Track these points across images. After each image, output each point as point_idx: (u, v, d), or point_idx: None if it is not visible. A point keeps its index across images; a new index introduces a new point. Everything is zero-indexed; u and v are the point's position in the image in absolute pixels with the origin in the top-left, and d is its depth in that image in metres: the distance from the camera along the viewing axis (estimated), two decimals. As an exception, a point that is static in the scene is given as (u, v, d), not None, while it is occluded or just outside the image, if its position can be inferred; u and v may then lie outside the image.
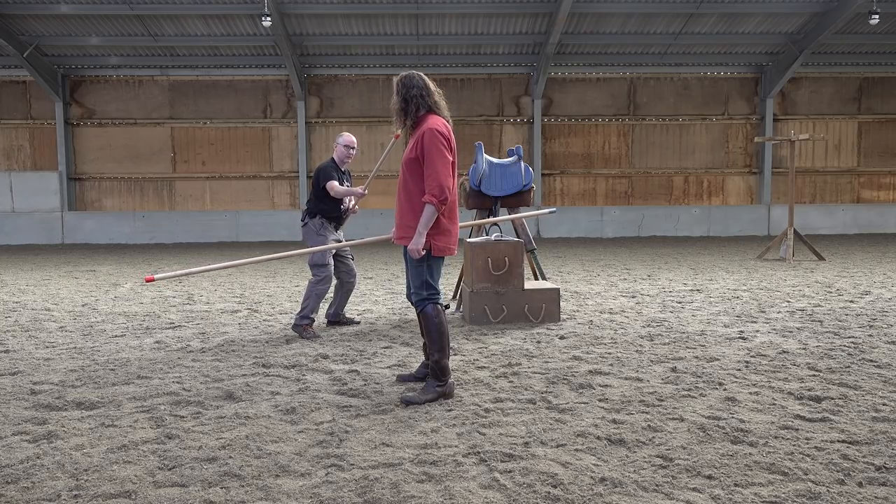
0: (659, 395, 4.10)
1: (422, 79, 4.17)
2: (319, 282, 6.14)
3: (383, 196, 21.10)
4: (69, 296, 8.93)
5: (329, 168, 6.28)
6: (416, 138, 4.07)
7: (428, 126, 4.03)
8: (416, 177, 4.06)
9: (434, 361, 4.12)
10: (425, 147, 3.98)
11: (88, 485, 2.91)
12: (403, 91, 4.11)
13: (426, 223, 3.99)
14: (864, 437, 3.35)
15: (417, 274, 4.19)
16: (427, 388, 4.10)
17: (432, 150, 3.96)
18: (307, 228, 6.32)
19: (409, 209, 4.10)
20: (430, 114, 4.14)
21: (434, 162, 3.96)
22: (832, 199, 21.62)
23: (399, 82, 4.15)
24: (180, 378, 4.63)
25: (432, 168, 3.96)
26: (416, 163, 4.05)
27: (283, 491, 2.84)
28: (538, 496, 2.76)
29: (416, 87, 4.12)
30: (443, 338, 4.14)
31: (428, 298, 4.17)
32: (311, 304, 6.10)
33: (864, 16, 17.52)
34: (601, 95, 21.12)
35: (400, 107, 4.14)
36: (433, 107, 4.15)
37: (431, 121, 4.07)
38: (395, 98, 4.15)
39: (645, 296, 8.33)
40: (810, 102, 21.32)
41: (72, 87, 20.59)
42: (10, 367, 4.99)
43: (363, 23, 18.45)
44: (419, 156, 4.02)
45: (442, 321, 4.16)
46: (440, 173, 3.94)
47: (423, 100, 4.12)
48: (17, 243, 19.90)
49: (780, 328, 6.18)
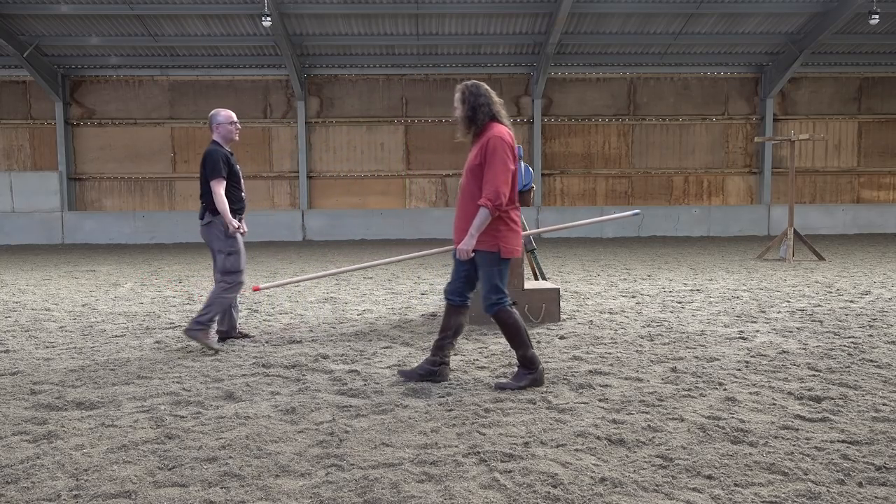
0: (659, 395, 4.10)
1: (486, 88, 4.32)
2: (228, 290, 5.56)
3: (383, 196, 21.12)
4: (69, 296, 8.93)
5: (216, 157, 5.52)
6: (480, 145, 4.21)
7: (493, 133, 4.18)
8: (479, 182, 4.20)
9: (521, 356, 4.34)
10: (489, 153, 4.14)
11: (88, 485, 2.91)
12: (472, 100, 4.25)
13: (479, 226, 4.15)
14: (864, 437, 3.35)
15: (488, 278, 4.28)
16: (519, 375, 4.33)
17: (495, 157, 4.12)
18: (211, 228, 5.56)
19: (466, 214, 4.27)
20: (494, 122, 4.28)
21: (495, 168, 4.11)
22: (832, 199, 21.63)
23: (466, 91, 4.28)
24: (180, 378, 4.63)
25: (492, 174, 4.11)
26: (480, 169, 4.19)
27: (283, 491, 2.84)
28: (538, 496, 2.75)
29: (483, 95, 4.26)
30: (521, 334, 4.31)
31: (497, 303, 4.30)
32: (213, 311, 5.46)
33: (864, 16, 17.53)
34: (601, 95, 21.13)
35: (467, 115, 4.27)
36: (496, 115, 4.28)
37: (496, 129, 4.22)
38: (462, 106, 4.28)
39: (645, 296, 8.33)
40: (810, 102, 21.33)
41: (72, 87, 20.60)
42: (10, 367, 4.99)
43: (363, 23, 18.45)
44: (483, 162, 4.17)
45: (516, 321, 4.31)
46: (499, 179, 4.10)
47: (489, 108, 4.26)
48: (18, 243, 19.90)
49: (780, 328, 6.18)
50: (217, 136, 5.72)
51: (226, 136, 5.74)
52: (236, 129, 5.77)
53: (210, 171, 5.50)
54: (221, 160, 5.54)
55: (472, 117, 4.25)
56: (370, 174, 21.00)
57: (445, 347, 4.53)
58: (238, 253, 5.60)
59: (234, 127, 5.75)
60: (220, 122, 5.71)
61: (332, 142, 20.92)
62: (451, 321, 4.53)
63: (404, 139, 21.00)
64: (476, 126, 4.26)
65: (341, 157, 20.91)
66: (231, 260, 5.56)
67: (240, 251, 5.61)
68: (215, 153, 5.55)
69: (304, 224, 20.59)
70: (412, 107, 20.91)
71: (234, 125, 5.75)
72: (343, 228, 20.49)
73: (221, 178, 5.50)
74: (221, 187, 5.49)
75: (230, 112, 5.77)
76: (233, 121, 5.74)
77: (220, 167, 5.50)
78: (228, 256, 5.56)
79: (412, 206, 21.16)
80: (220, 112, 5.74)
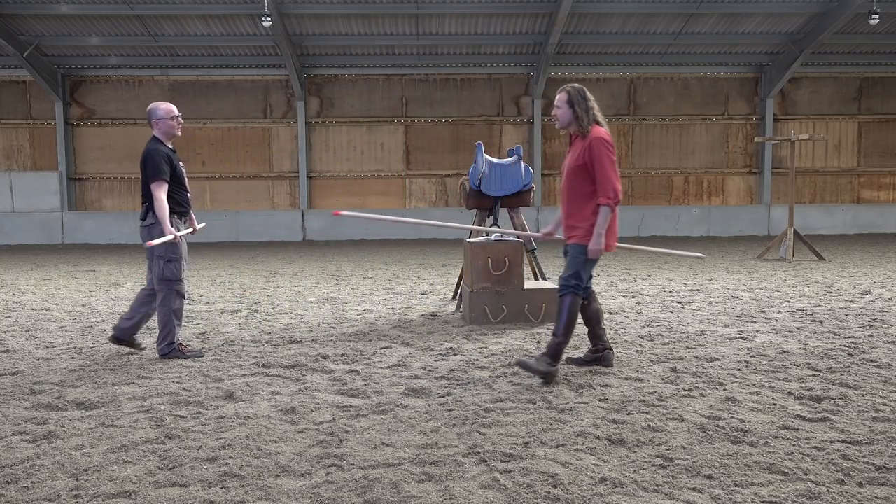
0: (659, 395, 4.10)
1: (589, 93, 4.62)
2: (170, 299, 5.21)
3: (383, 196, 21.12)
4: (69, 296, 8.93)
5: (158, 156, 5.12)
6: (584, 146, 4.49)
7: (597, 135, 4.47)
8: (581, 181, 4.52)
9: (556, 343, 4.49)
10: (595, 154, 4.43)
11: (88, 485, 2.91)
12: (583, 104, 4.53)
13: (603, 223, 4.44)
14: (864, 437, 3.35)
15: (574, 265, 4.57)
16: (541, 360, 4.46)
17: (602, 157, 4.42)
18: (152, 231, 5.15)
19: (576, 211, 4.57)
20: (594, 124, 4.56)
21: (605, 168, 4.42)
22: (832, 199, 21.63)
23: (575, 94, 4.55)
24: (180, 378, 4.63)
25: (604, 173, 4.42)
26: (584, 169, 4.49)
27: (283, 491, 2.84)
28: (538, 496, 2.75)
29: (590, 100, 4.57)
30: (570, 326, 4.51)
31: (573, 287, 4.54)
32: (169, 327, 5.20)
33: (864, 16, 17.53)
34: (601, 95, 21.09)
35: (576, 116, 4.54)
36: (597, 117, 4.57)
37: (597, 130, 4.51)
38: (570, 108, 4.54)
39: (645, 296, 8.33)
40: (810, 102, 21.33)
41: (72, 87, 20.59)
42: (10, 367, 4.99)
43: (363, 23, 18.45)
44: (587, 162, 4.46)
45: (575, 312, 4.54)
46: (612, 178, 4.42)
47: (594, 112, 4.55)
48: (17, 243, 19.90)
49: (780, 328, 6.18)
50: (158, 132, 5.26)
51: (167, 132, 5.27)
52: (178, 123, 5.31)
53: (151, 172, 5.07)
54: (164, 160, 5.13)
55: (580, 118, 4.52)
56: (370, 174, 21.00)
57: (599, 335, 4.87)
58: (179, 260, 5.20)
59: (175, 122, 5.29)
60: (161, 116, 5.25)
61: (332, 142, 20.92)
62: (589, 312, 4.87)
63: (404, 139, 21.00)
64: (582, 128, 4.53)
65: (341, 157, 20.91)
66: (170, 267, 5.16)
67: (181, 258, 5.22)
68: (157, 152, 5.13)
69: (304, 224, 20.59)
70: (412, 107, 20.91)
71: (176, 120, 5.29)
72: (343, 228, 20.49)
73: (163, 180, 5.09)
74: (163, 190, 5.09)
75: (171, 106, 5.31)
76: (174, 115, 5.29)
77: (162, 168, 5.09)
78: (168, 263, 5.15)
79: (412, 206, 21.16)
80: (160, 106, 5.28)
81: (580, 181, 4.53)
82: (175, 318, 5.22)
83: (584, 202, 4.53)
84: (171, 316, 5.19)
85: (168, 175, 5.13)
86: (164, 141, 5.27)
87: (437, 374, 4.66)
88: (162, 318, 5.20)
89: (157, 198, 5.06)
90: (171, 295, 5.20)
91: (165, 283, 5.17)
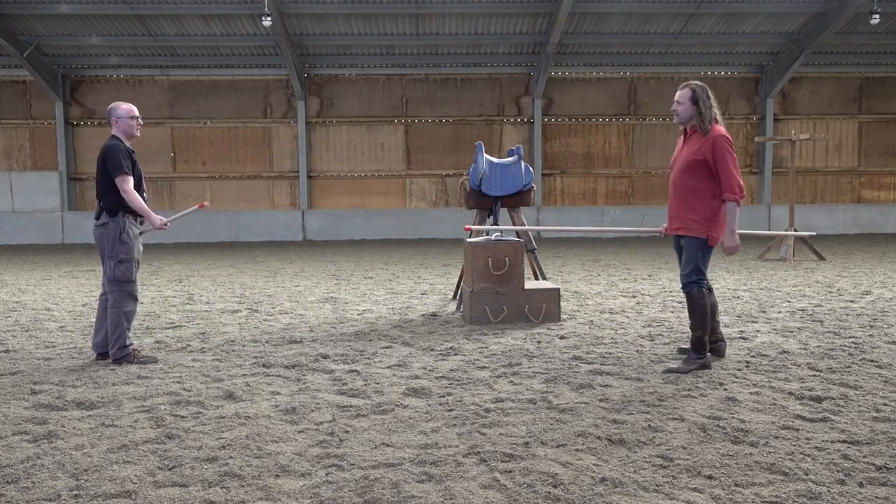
0: (659, 396, 4.10)
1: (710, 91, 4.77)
2: (123, 302, 5.07)
3: (383, 196, 21.11)
4: (69, 295, 8.93)
5: (118, 152, 5.02)
6: (704, 143, 4.64)
7: (720, 133, 4.63)
8: (696, 176, 4.66)
9: (696, 337, 4.70)
10: (718, 151, 4.58)
11: (88, 485, 2.91)
12: (707, 101, 4.68)
13: (733, 219, 4.63)
14: (864, 438, 3.35)
15: (693, 259, 4.72)
16: (689, 360, 4.70)
17: (726, 154, 4.58)
18: (106, 229, 5.07)
19: (686, 205, 4.72)
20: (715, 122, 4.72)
21: (728, 164, 4.57)
22: (833, 199, 21.62)
23: (699, 91, 4.68)
24: (180, 378, 4.63)
25: (728, 171, 4.57)
26: (701, 164, 4.64)
27: (284, 491, 2.84)
28: (538, 496, 2.75)
29: (712, 98, 4.73)
30: (705, 317, 4.69)
31: (695, 282, 4.72)
32: (121, 330, 5.06)
33: (865, 15, 17.51)
34: (601, 95, 21.12)
35: (701, 112, 4.67)
36: (716, 116, 4.73)
37: (718, 129, 4.66)
38: (694, 105, 4.68)
39: (645, 296, 8.33)
40: (811, 102, 21.32)
41: (72, 86, 20.59)
42: (11, 367, 4.99)
43: (363, 23, 18.45)
44: (707, 158, 4.60)
45: (705, 302, 4.71)
46: (735, 174, 4.58)
47: (714, 109, 4.71)
48: (18, 243, 19.90)
49: (780, 328, 6.18)
50: (116, 131, 5.17)
51: (126, 132, 5.18)
52: (138, 124, 5.22)
53: (113, 167, 4.97)
54: (124, 155, 5.03)
55: (704, 115, 4.66)
56: (370, 174, 20.99)
57: (714, 328, 4.97)
58: (131, 261, 5.07)
59: (135, 122, 5.20)
60: (120, 115, 5.15)
61: (333, 142, 20.92)
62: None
63: (404, 139, 21.00)
64: (703, 125, 4.66)
65: (341, 157, 20.90)
66: (122, 268, 5.04)
67: (132, 259, 5.09)
68: (116, 147, 5.04)
69: (304, 224, 20.58)
70: (412, 107, 20.90)
71: (136, 120, 5.21)
72: (343, 228, 20.48)
73: (126, 173, 4.98)
74: (129, 183, 4.98)
75: (131, 106, 5.22)
76: (134, 115, 5.20)
77: (122, 162, 4.99)
78: (119, 264, 5.03)
79: (412, 206, 21.15)
80: (121, 105, 5.20)
81: (696, 176, 4.66)
82: (126, 320, 5.07)
83: (698, 196, 4.67)
84: (122, 318, 5.05)
85: (130, 169, 5.03)
86: (124, 140, 5.19)
87: (438, 374, 4.66)
88: (113, 320, 5.04)
89: (125, 190, 4.98)
90: (123, 297, 5.07)
91: (116, 285, 5.06)
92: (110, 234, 5.04)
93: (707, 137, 4.63)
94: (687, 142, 4.80)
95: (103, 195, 5.07)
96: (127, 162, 5.03)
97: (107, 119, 5.27)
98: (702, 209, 4.66)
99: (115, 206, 5.05)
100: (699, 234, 4.67)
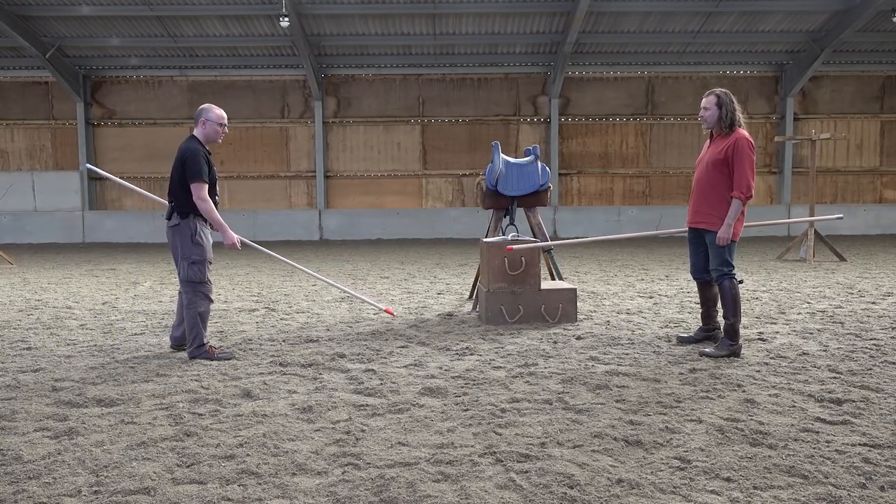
0: (677, 397, 4.07)
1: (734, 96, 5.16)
2: (197, 302, 5.13)
3: (399, 196, 21.15)
4: (90, 294, 9.03)
5: (199, 156, 4.99)
6: (727, 144, 5.02)
7: (742, 135, 5.01)
8: (719, 174, 5.05)
9: (729, 325, 5.05)
10: (738, 152, 4.95)
11: (108, 481, 2.94)
12: (730, 106, 5.07)
13: (734, 215, 4.96)
14: (886, 441, 3.30)
15: (719, 254, 5.09)
16: (721, 345, 5.06)
17: (744, 156, 4.95)
18: (178, 231, 5.07)
19: (706, 201, 5.13)
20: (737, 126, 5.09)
21: (744, 165, 4.95)
22: (854, 199, 21.35)
23: (725, 97, 5.08)
24: (199, 376, 4.67)
25: (742, 170, 4.94)
26: (723, 163, 5.02)
27: (300, 489, 2.85)
28: (554, 497, 2.74)
29: (735, 103, 5.09)
30: (737, 306, 5.05)
31: (727, 274, 5.08)
32: (197, 329, 5.12)
33: (887, 13, 17.28)
34: (619, 95, 21.00)
35: (723, 116, 5.07)
36: (740, 120, 5.10)
37: (740, 132, 5.05)
38: (718, 109, 5.08)
39: (663, 296, 8.27)
40: (831, 101, 21.06)
41: (93, 87, 20.83)
42: (33, 365, 5.06)
43: (380, 23, 18.49)
44: (729, 157, 4.99)
45: (737, 292, 5.07)
46: (748, 175, 4.94)
47: (737, 114, 5.08)
48: (39, 242, 20.17)
49: (800, 329, 6.11)
50: (199, 133, 5.17)
51: (210, 137, 5.20)
52: (223, 131, 5.23)
53: (192, 172, 4.94)
54: (204, 161, 5.02)
55: (727, 120, 5.05)
56: (387, 174, 21.03)
57: (712, 317, 5.49)
58: (203, 262, 5.11)
59: (222, 129, 5.22)
60: (210, 118, 5.15)
61: (349, 141, 20.98)
62: (706, 295, 5.47)
63: (421, 139, 21.02)
64: (726, 128, 5.06)
65: (358, 157, 20.96)
66: (194, 269, 5.07)
67: (205, 260, 5.13)
68: (197, 152, 5.00)
69: (320, 223, 20.67)
70: (429, 106, 20.91)
71: (223, 127, 5.23)
72: (360, 228, 20.55)
73: (203, 181, 4.97)
74: (205, 191, 4.98)
75: (223, 113, 5.27)
76: (223, 122, 5.22)
77: (203, 169, 4.97)
78: (192, 265, 5.06)
79: (429, 205, 21.17)
80: (214, 109, 5.19)
81: (718, 174, 5.05)
82: (201, 320, 5.14)
83: (721, 194, 5.05)
84: (196, 319, 5.11)
85: (208, 176, 5.03)
86: (204, 143, 5.18)
87: (454, 374, 4.66)
88: (189, 321, 5.12)
89: (201, 198, 4.98)
90: (198, 297, 5.14)
91: (190, 285, 5.12)
92: (183, 236, 5.04)
93: (730, 138, 5.01)
94: (713, 143, 5.19)
95: (175, 196, 5.05)
96: (206, 168, 5.02)
97: (195, 119, 5.23)
98: (724, 206, 5.03)
99: (185, 209, 5.04)
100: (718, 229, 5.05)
